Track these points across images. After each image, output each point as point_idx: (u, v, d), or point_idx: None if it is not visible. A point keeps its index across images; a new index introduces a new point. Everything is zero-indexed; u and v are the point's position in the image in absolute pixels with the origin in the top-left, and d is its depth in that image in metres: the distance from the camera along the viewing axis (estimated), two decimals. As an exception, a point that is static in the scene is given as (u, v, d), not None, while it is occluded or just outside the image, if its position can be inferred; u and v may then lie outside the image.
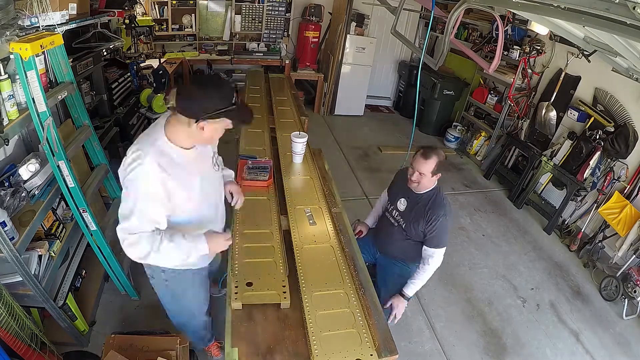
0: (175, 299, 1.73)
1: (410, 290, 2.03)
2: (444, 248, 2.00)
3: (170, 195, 1.33)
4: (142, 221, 1.30)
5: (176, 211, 1.40)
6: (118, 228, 1.32)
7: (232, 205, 1.75)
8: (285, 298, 1.46)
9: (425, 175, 1.96)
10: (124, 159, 1.31)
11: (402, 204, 2.09)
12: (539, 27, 3.66)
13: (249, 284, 1.49)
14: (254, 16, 5.32)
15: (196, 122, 1.27)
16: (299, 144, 2.36)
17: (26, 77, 1.61)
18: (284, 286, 1.50)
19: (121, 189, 1.32)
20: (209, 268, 1.77)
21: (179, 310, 1.82)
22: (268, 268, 1.59)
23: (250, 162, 2.29)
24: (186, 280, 1.63)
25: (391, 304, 2.01)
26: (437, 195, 2.02)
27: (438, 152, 1.98)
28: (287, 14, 5.46)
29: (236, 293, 1.45)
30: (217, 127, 1.33)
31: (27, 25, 1.74)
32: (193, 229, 1.43)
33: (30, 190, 1.79)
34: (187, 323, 1.91)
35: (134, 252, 1.33)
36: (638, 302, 2.88)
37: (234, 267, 1.57)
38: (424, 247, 2.01)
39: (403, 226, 2.06)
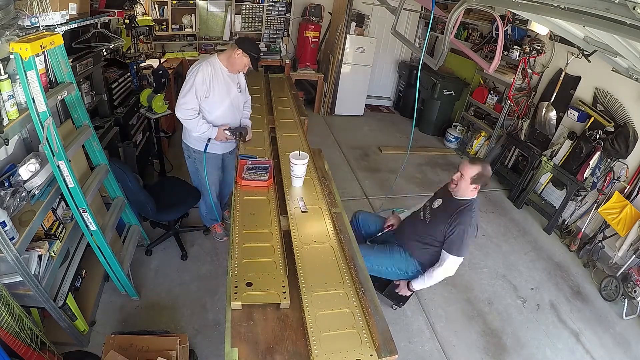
0: (196, 173, 2.77)
1: (417, 284, 2.22)
2: (459, 259, 2.09)
3: (209, 90, 2.39)
4: (193, 96, 2.33)
5: (211, 108, 2.46)
6: (178, 102, 2.37)
7: (247, 140, 2.59)
8: (285, 298, 1.45)
9: (465, 179, 2.09)
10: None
11: (437, 203, 2.24)
12: (539, 27, 3.66)
13: (249, 284, 1.49)
14: (254, 16, 5.32)
15: (238, 49, 2.37)
16: (300, 166, 2.09)
17: (26, 77, 1.61)
18: (283, 286, 1.50)
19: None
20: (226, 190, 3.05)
21: (199, 181, 2.81)
22: (268, 268, 1.59)
23: (250, 162, 2.29)
24: (203, 160, 2.60)
25: (399, 284, 2.30)
26: (469, 207, 2.11)
27: (484, 165, 2.10)
28: (287, 14, 5.46)
29: (236, 293, 1.45)
30: (243, 59, 2.40)
31: (27, 25, 1.74)
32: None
33: (30, 190, 1.79)
34: (203, 194, 2.82)
35: (185, 115, 2.36)
36: (638, 302, 2.88)
37: (234, 267, 1.57)
38: (442, 250, 2.13)
39: (428, 221, 2.20)
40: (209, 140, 2.52)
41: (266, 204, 2.00)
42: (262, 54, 2.75)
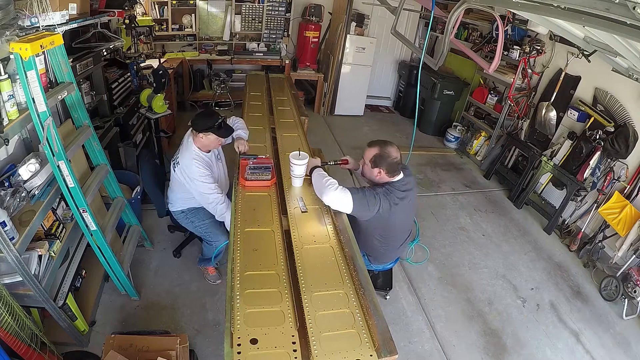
0: (204, 227, 2.50)
1: (317, 173, 2.10)
2: (348, 197, 1.90)
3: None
4: (212, 183, 2.28)
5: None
6: (209, 196, 2.27)
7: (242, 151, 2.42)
8: (295, 358, 1.26)
9: (365, 162, 2.07)
10: (177, 172, 2.30)
11: None
12: (539, 27, 3.66)
13: (254, 341, 1.29)
14: (254, 16, 5.32)
15: (197, 133, 2.22)
16: (300, 166, 2.09)
17: (26, 77, 1.62)
18: (294, 342, 1.30)
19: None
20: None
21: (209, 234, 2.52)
22: (275, 319, 1.38)
23: (251, 162, 2.29)
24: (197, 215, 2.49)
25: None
26: (374, 186, 2.06)
27: (383, 147, 2.03)
28: (287, 14, 5.46)
29: (239, 353, 1.25)
30: (211, 139, 2.25)
31: (27, 25, 1.74)
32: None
33: (30, 190, 1.79)
34: (213, 240, 2.54)
35: (212, 202, 2.28)
36: (638, 302, 2.88)
37: (235, 319, 1.36)
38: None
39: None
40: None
41: (271, 237, 1.77)
42: (220, 122, 2.26)
